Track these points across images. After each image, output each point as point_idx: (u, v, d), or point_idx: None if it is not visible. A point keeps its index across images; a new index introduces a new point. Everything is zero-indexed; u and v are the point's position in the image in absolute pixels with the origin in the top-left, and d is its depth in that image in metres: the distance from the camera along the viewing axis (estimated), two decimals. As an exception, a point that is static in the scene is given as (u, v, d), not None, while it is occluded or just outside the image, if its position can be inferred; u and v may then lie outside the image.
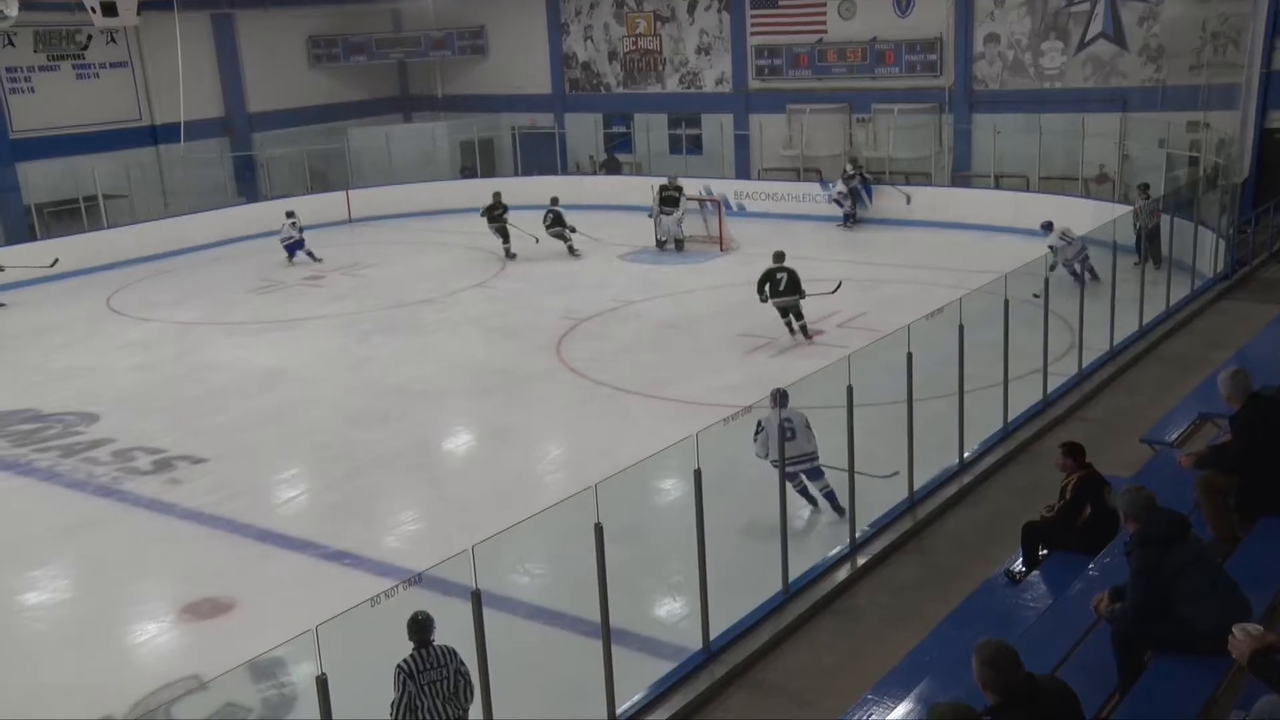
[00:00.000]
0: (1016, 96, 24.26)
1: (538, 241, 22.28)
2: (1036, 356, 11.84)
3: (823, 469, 9.86)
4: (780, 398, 9.67)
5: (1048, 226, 18.29)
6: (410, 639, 6.25)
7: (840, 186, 24.13)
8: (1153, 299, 14.59)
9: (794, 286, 15.88)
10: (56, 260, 22.18)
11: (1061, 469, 8.00)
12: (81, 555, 10.82)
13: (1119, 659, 5.80)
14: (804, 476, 9.92)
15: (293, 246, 23.25)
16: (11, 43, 25.23)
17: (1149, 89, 22.63)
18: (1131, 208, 18.52)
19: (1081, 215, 19.68)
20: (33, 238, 24.01)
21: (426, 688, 6.14)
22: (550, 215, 22.49)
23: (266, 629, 7.93)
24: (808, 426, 9.74)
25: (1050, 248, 17.63)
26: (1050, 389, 12.03)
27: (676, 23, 28.86)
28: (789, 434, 9.51)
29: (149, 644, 9.16)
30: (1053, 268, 17.28)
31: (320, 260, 23.19)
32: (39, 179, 24.85)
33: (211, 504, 11.49)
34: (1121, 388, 12.70)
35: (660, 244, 22.71)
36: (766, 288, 16.06)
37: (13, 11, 21.45)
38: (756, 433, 9.76)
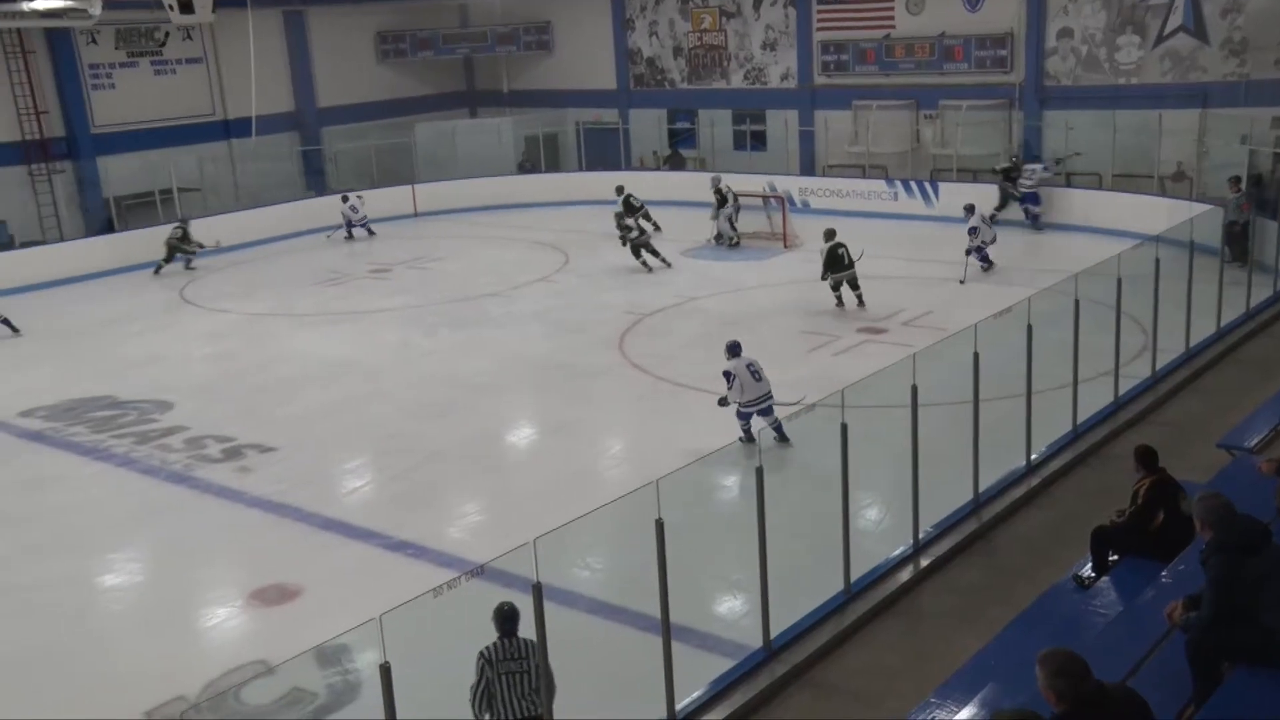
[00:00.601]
0: (1090, 92, 23.77)
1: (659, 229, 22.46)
2: (1107, 358, 11.61)
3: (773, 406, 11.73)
4: (735, 347, 11.92)
5: (970, 209, 19.34)
6: (496, 628, 6.33)
7: (1031, 180, 22.35)
8: (1232, 300, 14.21)
9: (852, 258, 17.36)
10: (219, 241, 23.38)
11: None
12: (155, 540, 11.07)
13: (1194, 670, 5.67)
14: (758, 414, 11.65)
15: (362, 224, 25.14)
16: (95, 40, 25.86)
17: (1231, 84, 22.02)
18: (1210, 206, 18.08)
19: (1157, 214, 19.26)
20: (111, 229, 24.60)
21: (504, 677, 6.20)
22: (637, 200, 22.48)
23: (331, 616, 8.04)
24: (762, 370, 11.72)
25: (971, 230, 18.88)
26: (1122, 391, 11.78)
27: (742, 18, 28.74)
28: (756, 375, 11.67)
29: (219, 628, 9.34)
30: (969, 252, 18.76)
31: (375, 234, 25.16)
32: (117, 172, 25.47)
33: (279, 492, 11.68)
34: (1197, 391, 12.39)
35: (716, 240, 22.68)
36: (830, 267, 17.13)
37: (96, 10, 22.08)
38: (729, 383, 11.63)
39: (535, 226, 25.37)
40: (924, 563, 8.83)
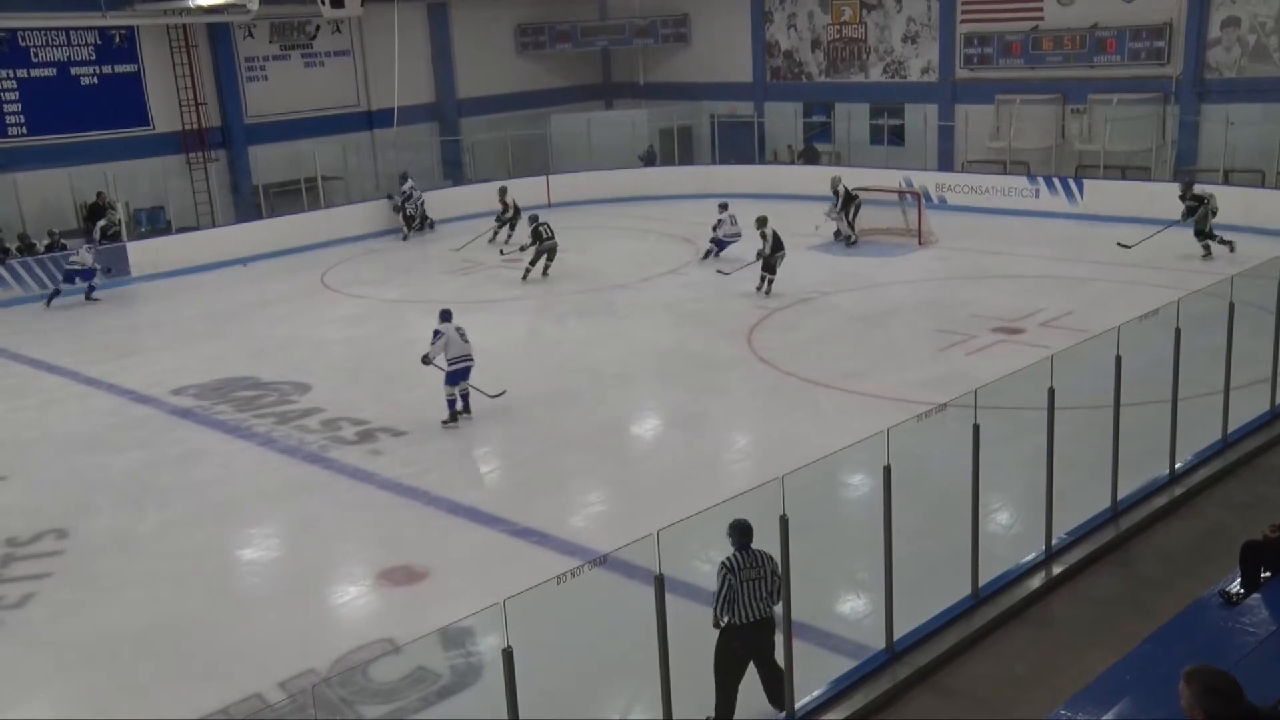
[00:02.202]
0: (1256, 85, 22.59)
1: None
2: (1262, 365, 11.04)
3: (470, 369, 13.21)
4: (447, 314, 13.36)
5: (724, 206, 20.76)
6: (730, 542, 6.83)
7: None
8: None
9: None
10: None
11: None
12: (291, 517, 11.46)
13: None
14: (461, 377, 13.05)
15: (404, 203, 25.55)
16: (251, 34, 26.91)
17: None
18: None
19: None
20: (259, 216, 25.60)
21: (747, 584, 6.77)
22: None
23: (456, 599, 8.22)
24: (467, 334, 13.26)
25: (716, 224, 19.94)
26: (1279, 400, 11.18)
27: (883, 10, 28.22)
28: (463, 337, 13.16)
29: (348, 605, 9.61)
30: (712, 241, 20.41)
31: (406, 237, 25.28)
32: (266, 161, 26.48)
33: (409, 475, 11.95)
34: (1361, 402, 11.67)
35: (835, 237, 22.30)
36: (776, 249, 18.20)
37: (254, 5, 23.03)
38: (435, 339, 13.03)
39: (667, 219, 25.40)
40: (1056, 570, 8.55)
